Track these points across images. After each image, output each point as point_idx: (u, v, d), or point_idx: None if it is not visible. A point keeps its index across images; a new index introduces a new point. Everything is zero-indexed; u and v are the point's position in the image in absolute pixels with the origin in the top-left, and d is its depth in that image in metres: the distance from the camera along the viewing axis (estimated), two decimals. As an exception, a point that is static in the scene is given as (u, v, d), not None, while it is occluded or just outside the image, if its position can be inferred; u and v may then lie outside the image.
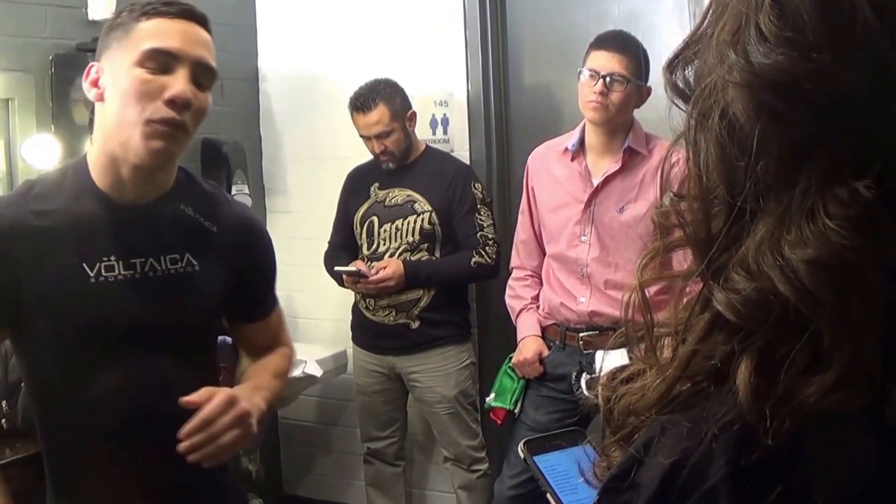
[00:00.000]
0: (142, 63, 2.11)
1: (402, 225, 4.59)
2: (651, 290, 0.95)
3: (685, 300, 0.91)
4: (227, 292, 2.36)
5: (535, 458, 1.58)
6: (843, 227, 0.75)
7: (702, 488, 0.81)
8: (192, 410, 2.13)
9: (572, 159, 4.03)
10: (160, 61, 2.11)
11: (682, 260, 0.92)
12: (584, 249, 3.97)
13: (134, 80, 2.10)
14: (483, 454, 4.79)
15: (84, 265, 2.19)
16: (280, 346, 2.58)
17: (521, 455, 1.62)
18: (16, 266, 2.18)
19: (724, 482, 0.80)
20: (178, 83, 2.10)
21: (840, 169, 0.75)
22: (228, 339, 2.81)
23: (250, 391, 2.28)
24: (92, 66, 2.22)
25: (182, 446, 2.09)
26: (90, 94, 2.21)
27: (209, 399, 2.12)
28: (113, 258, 2.21)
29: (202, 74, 2.17)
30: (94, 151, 2.24)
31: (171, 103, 2.09)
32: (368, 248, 4.69)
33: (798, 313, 0.77)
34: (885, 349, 0.77)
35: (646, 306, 0.95)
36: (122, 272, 2.21)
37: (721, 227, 0.85)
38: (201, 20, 2.21)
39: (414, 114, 4.64)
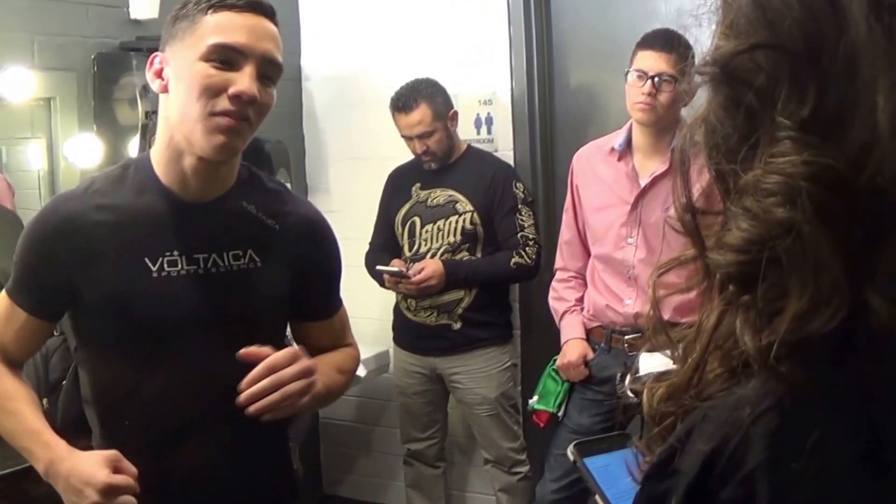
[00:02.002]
0: (207, 58, 2.09)
1: (444, 225, 4.58)
2: (693, 295, 1.00)
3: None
4: (290, 290, 2.35)
5: (585, 460, 1.62)
6: (782, 154, 0.86)
7: (740, 474, 0.86)
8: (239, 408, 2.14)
9: (619, 159, 3.99)
10: (226, 56, 2.10)
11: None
12: (630, 251, 3.93)
13: (198, 74, 2.09)
14: (524, 457, 4.77)
15: (146, 260, 2.20)
16: (344, 347, 2.56)
17: (571, 457, 1.65)
18: (73, 260, 2.21)
19: (762, 467, 0.84)
20: (243, 79, 2.09)
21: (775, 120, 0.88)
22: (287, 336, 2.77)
23: (313, 363, 2.23)
24: (155, 56, 2.21)
25: (242, 396, 2.07)
26: (154, 84, 2.20)
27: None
28: (175, 253, 2.22)
29: (268, 69, 2.15)
30: (158, 146, 2.25)
31: (236, 99, 2.08)
32: (410, 249, 4.68)
33: (772, 255, 0.87)
34: (857, 262, 0.85)
35: (656, 307, 1.04)
36: (185, 267, 2.22)
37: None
38: (269, 13, 2.18)
39: (456, 113, 4.63)
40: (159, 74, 2.18)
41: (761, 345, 0.86)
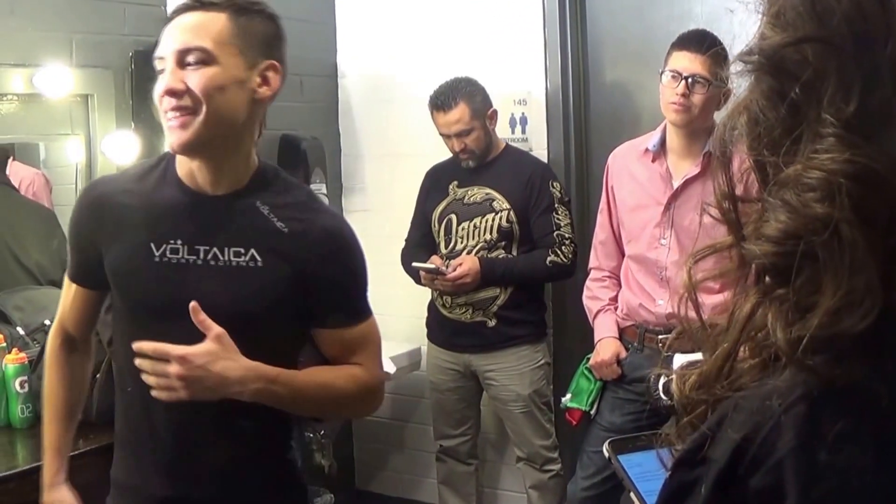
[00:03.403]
0: (158, 73, 2.29)
1: (480, 223, 4.59)
2: (728, 296, 1.01)
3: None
4: (293, 294, 2.37)
5: (620, 458, 1.63)
6: (825, 151, 0.86)
7: (770, 461, 0.87)
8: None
9: (653, 160, 3.99)
10: (160, 64, 2.29)
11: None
12: (663, 252, 3.94)
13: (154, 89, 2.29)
14: (556, 454, 4.78)
15: (151, 244, 2.35)
16: (352, 365, 2.51)
17: (606, 454, 1.66)
18: (98, 237, 2.43)
19: (792, 454, 0.86)
20: (162, 79, 2.26)
21: (820, 118, 0.88)
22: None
23: (257, 369, 2.27)
24: None
25: (138, 360, 2.22)
26: None
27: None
28: (179, 241, 2.35)
29: (188, 55, 2.25)
30: None
31: (164, 98, 2.25)
32: (446, 246, 4.70)
33: (809, 249, 0.87)
34: (891, 263, 0.86)
35: (692, 295, 1.03)
36: (185, 256, 2.35)
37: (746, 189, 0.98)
38: (199, 5, 2.29)
39: (495, 112, 4.65)
40: None
41: (791, 338, 0.87)
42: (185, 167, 2.37)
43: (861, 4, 0.87)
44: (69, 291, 2.59)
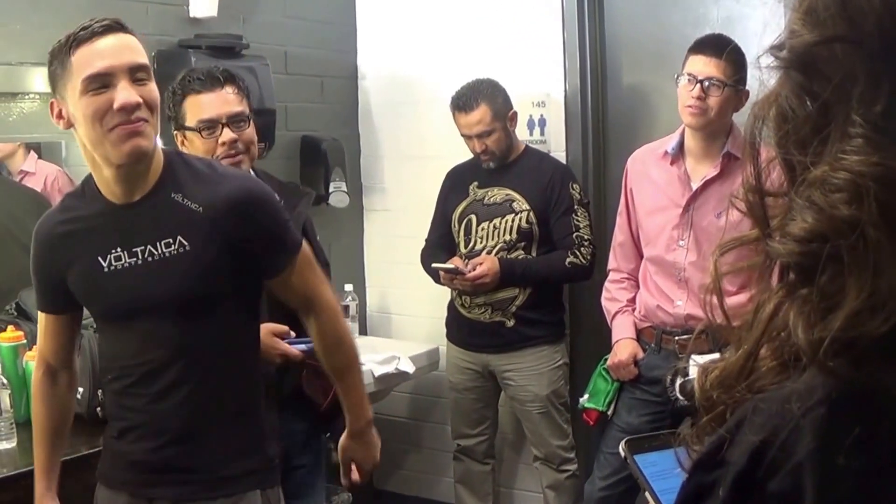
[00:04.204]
0: (85, 91, 2.44)
1: (500, 223, 4.61)
2: (744, 298, 1.00)
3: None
4: (230, 262, 2.63)
5: (636, 457, 1.62)
6: (854, 152, 0.85)
7: (789, 464, 0.85)
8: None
9: (672, 163, 4.01)
10: (99, 82, 2.43)
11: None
12: (681, 254, 3.96)
13: (86, 107, 2.44)
14: (573, 454, 4.79)
15: (99, 258, 2.62)
16: (319, 309, 2.84)
17: (622, 453, 1.65)
18: (56, 267, 2.70)
19: (810, 457, 0.84)
20: (122, 93, 2.43)
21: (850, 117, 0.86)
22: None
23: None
24: (53, 102, 2.57)
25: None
26: (59, 125, 2.56)
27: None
28: (119, 250, 2.61)
29: (137, 72, 2.49)
30: (89, 164, 2.64)
31: (122, 110, 2.42)
32: (466, 246, 4.71)
33: (834, 250, 0.85)
34: None
35: (717, 286, 1.02)
36: (128, 260, 2.61)
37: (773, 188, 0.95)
38: (116, 28, 2.53)
39: (515, 114, 4.66)
40: (60, 116, 2.55)
41: (813, 339, 0.86)
42: (103, 183, 2.60)
43: (891, 5, 0.86)
44: (44, 323, 2.85)
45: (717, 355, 1.01)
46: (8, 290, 4.00)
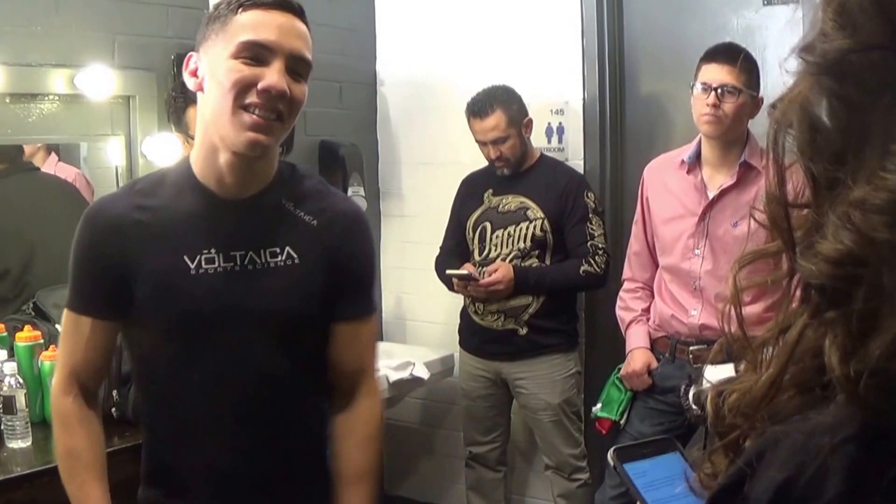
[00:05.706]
0: (237, 55, 2.16)
1: (514, 231, 4.61)
2: (759, 308, 0.97)
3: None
4: (327, 286, 2.35)
5: (625, 466, 1.57)
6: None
7: None
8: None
9: (688, 172, 4.01)
10: (255, 53, 2.16)
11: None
12: (697, 262, 3.95)
13: (229, 71, 2.16)
14: (584, 463, 4.78)
15: (185, 258, 2.27)
16: (367, 390, 2.51)
17: (611, 462, 1.59)
18: (122, 259, 2.29)
19: (839, 500, 0.78)
20: (272, 74, 2.16)
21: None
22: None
23: None
24: (191, 56, 2.29)
25: None
26: (190, 83, 2.28)
27: None
28: (213, 251, 2.28)
29: (298, 65, 2.22)
30: (196, 144, 2.33)
31: (265, 93, 2.15)
32: (480, 254, 4.72)
33: (872, 275, 0.79)
34: None
35: (737, 302, 0.95)
36: (223, 264, 2.28)
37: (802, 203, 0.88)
38: (298, 11, 2.24)
39: (530, 121, 4.66)
40: (194, 73, 2.26)
41: (849, 371, 0.79)
42: (211, 171, 2.29)
43: None
44: (81, 330, 2.36)
45: (730, 366, 0.97)
46: (23, 286, 4.02)
